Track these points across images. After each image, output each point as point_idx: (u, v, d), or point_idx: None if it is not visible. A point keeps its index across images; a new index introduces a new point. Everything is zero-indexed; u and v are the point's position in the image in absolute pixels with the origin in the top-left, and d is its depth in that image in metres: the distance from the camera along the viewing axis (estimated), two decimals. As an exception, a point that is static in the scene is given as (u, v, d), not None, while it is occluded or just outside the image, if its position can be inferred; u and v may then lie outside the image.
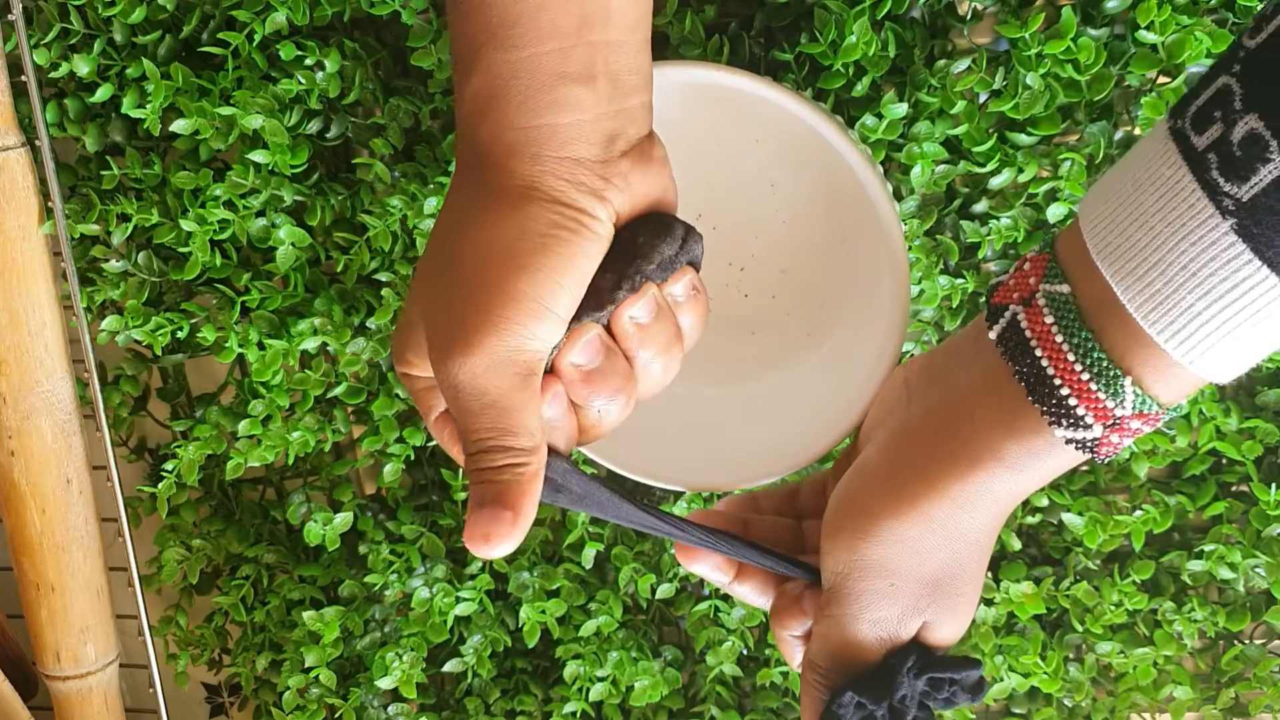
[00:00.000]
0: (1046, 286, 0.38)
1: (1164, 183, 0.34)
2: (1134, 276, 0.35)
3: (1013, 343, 0.39)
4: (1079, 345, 0.37)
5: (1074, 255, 0.37)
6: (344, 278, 0.64)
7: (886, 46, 0.56)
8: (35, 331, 0.64)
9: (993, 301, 0.40)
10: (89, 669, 0.70)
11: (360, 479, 0.72)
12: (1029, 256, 0.40)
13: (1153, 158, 0.35)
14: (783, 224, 0.61)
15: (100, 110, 0.63)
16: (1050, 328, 0.38)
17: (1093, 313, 0.37)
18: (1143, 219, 0.35)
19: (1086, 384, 0.37)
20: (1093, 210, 0.37)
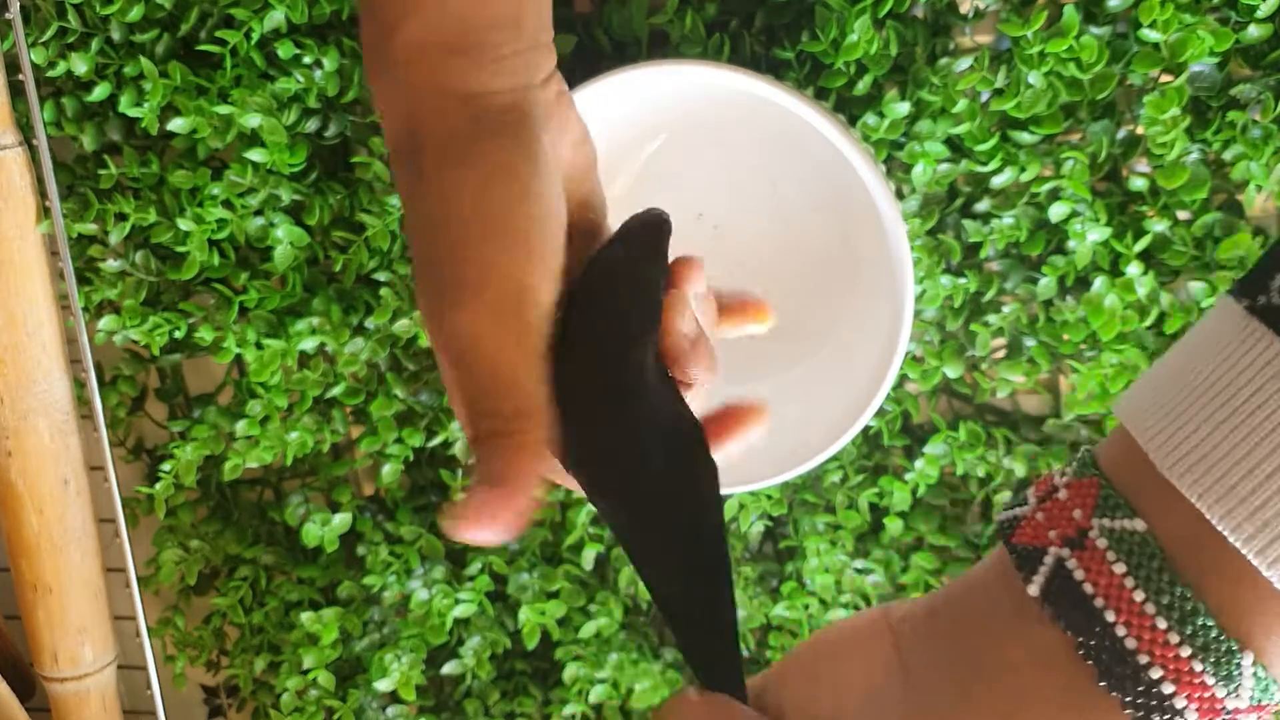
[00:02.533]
0: (1105, 522, 0.27)
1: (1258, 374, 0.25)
2: (1237, 498, 0.25)
3: (1067, 603, 0.27)
4: (1172, 605, 0.26)
5: (1136, 477, 0.27)
6: (342, 277, 0.63)
7: (888, 45, 0.55)
8: (32, 331, 0.64)
9: (1015, 542, 0.29)
10: (86, 670, 0.70)
11: (359, 480, 0.72)
12: (1061, 482, 0.29)
13: (1230, 346, 0.26)
14: (784, 223, 0.61)
15: (98, 109, 0.63)
16: (1122, 580, 0.26)
17: (1184, 556, 0.26)
18: (1234, 422, 0.25)
19: (1188, 662, 0.26)
20: (1149, 418, 0.27)
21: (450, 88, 0.35)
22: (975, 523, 0.66)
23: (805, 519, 0.65)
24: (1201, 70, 0.54)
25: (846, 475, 0.64)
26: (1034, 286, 0.59)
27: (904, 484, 0.63)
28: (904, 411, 0.64)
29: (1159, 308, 0.57)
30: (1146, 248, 0.57)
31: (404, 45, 0.35)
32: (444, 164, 0.34)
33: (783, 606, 0.66)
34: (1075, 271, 0.58)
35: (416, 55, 0.35)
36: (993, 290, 0.59)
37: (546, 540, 0.69)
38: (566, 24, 0.59)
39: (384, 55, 0.36)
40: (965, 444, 0.62)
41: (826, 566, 0.65)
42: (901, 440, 0.64)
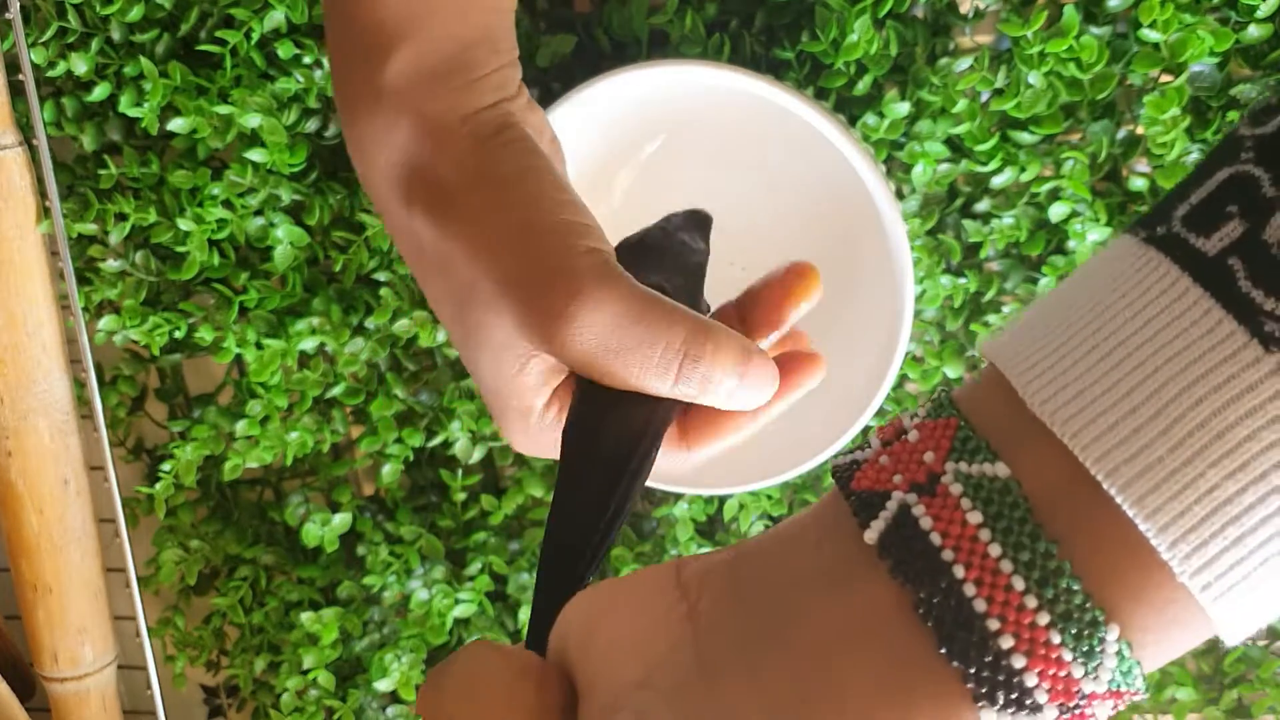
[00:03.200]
0: (961, 466, 0.23)
1: (1150, 304, 0.22)
2: (1116, 438, 0.22)
3: (909, 553, 0.23)
4: (1032, 563, 0.22)
5: (1000, 418, 0.24)
6: (342, 277, 0.63)
7: (888, 45, 0.55)
8: (32, 331, 0.64)
9: (855, 487, 0.25)
10: (86, 670, 0.70)
11: (359, 480, 0.72)
12: (910, 423, 0.25)
13: (1121, 276, 0.23)
14: (784, 224, 0.61)
15: (98, 109, 0.63)
16: (977, 531, 0.22)
17: (1050, 507, 0.22)
18: (1120, 356, 0.22)
19: (1045, 632, 0.22)
20: (1022, 351, 0.24)
21: (445, 112, 0.36)
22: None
23: (805, 519, 0.65)
24: (1202, 70, 0.54)
25: (846, 475, 0.64)
26: (1034, 287, 0.59)
27: (904, 484, 0.63)
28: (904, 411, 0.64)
29: (1159, 308, 0.57)
30: (1146, 248, 0.57)
31: (396, 76, 0.36)
32: (467, 187, 0.36)
33: (783, 606, 0.66)
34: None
35: (409, 85, 0.36)
36: (993, 290, 0.59)
37: (546, 540, 0.69)
38: (566, 24, 0.59)
39: (373, 90, 0.37)
40: (965, 444, 0.62)
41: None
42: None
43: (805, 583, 0.25)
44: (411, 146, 0.36)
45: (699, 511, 0.66)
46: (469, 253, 0.35)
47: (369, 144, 0.37)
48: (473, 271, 0.35)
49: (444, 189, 0.36)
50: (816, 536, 0.25)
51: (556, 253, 0.34)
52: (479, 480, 0.68)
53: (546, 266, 0.34)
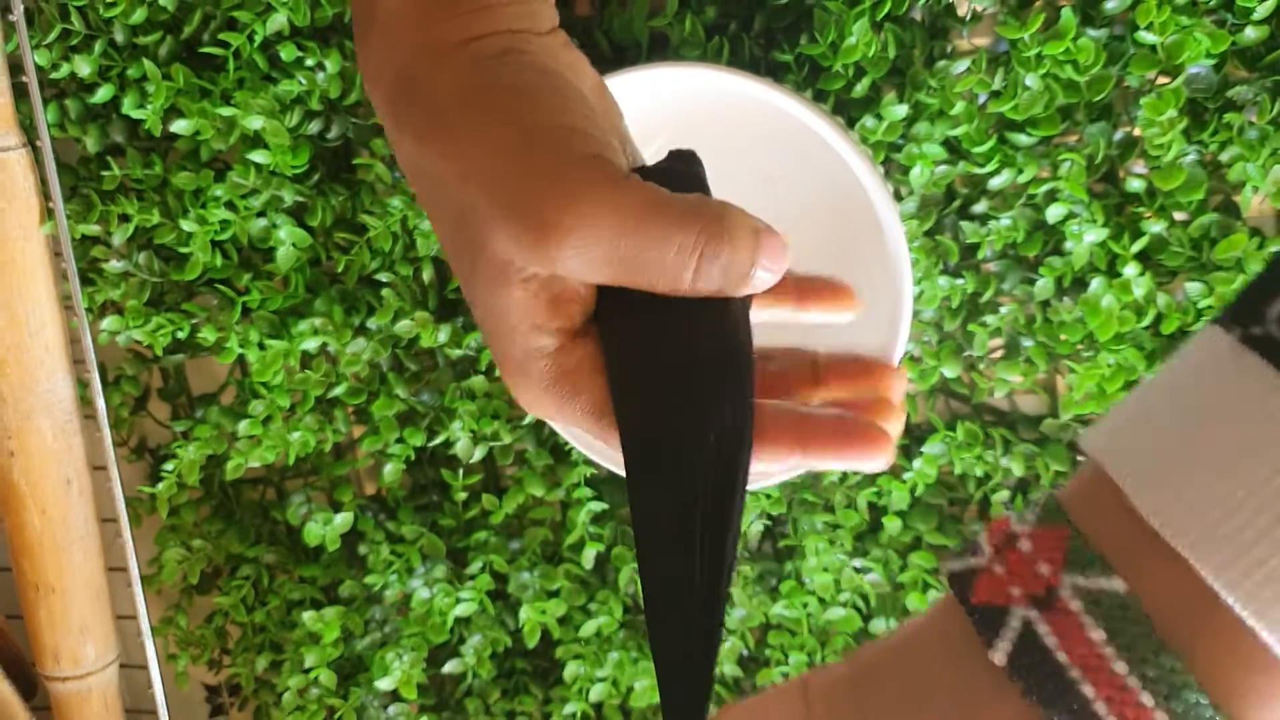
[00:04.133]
0: (1077, 579, 0.24)
1: (1256, 412, 0.22)
2: (1245, 559, 0.21)
3: (1039, 674, 0.23)
4: (1159, 679, 0.22)
5: (1112, 526, 0.24)
6: (344, 278, 0.64)
7: (886, 47, 0.56)
8: (35, 331, 0.64)
9: (975, 601, 0.25)
10: (88, 670, 0.70)
11: (360, 479, 0.72)
12: (1022, 531, 0.25)
13: (1223, 380, 0.23)
14: (783, 225, 0.61)
15: (101, 111, 0.63)
16: (1101, 649, 0.23)
17: (1171, 622, 0.23)
18: (1233, 471, 0.22)
19: None
20: (1131, 458, 0.24)
21: (446, 34, 0.33)
22: (973, 522, 0.66)
23: (804, 518, 0.66)
24: (1198, 72, 0.54)
25: (845, 474, 0.64)
26: (1031, 287, 0.59)
27: (902, 483, 0.63)
28: (902, 411, 0.64)
29: (1156, 308, 0.57)
30: (1143, 249, 0.57)
31: (389, 12, 0.34)
32: (460, 103, 0.32)
33: (782, 605, 0.67)
34: (1072, 272, 0.58)
35: (411, 6, 0.34)
36: (990, 291, 0.60)
37: (547, 539, 0.69)
38: (566, 27, 0.59)
39: (371, 9, 0.34)
40: (963, 444, 0.62)
41: (825, 565, 0.65)
42: (900, 440, 0.64)
43: (932, 704, 0.24)
44: (409, 67, 0.33)
45: (699, 511, 0.66)
46: (462, 170, 0.32)
47: (370, 66, 0.35)
48: (467, 190, 0.32)
49: (438, 107, 0.32)
50: (939, 653, 0.25)
51: (550, 160, 0.31)
52: (480, 480, 0.68)
53: (539, 175, 0.30)
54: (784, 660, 0.67)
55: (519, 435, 0.66)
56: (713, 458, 0.31)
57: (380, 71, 0.34)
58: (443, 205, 0.33)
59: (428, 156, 0.33)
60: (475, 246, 0.32)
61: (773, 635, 0.68)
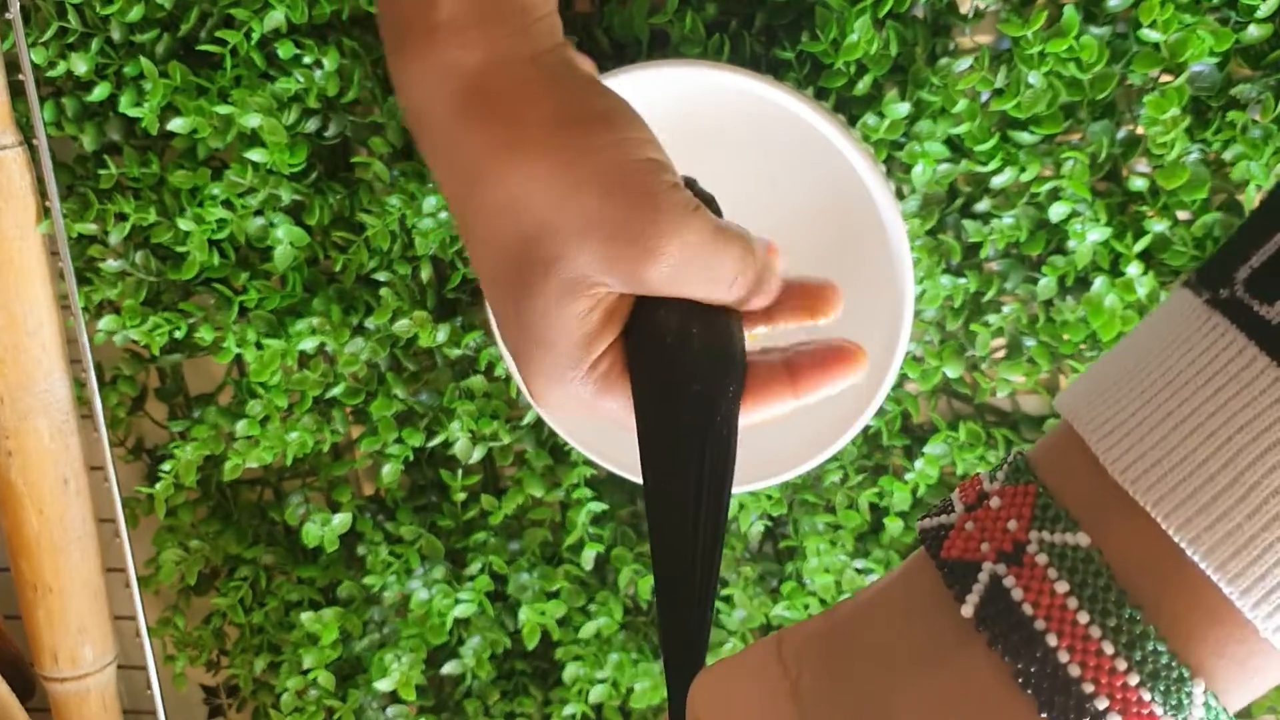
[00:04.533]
0: (1043, 535, 0.25)
1: (1220, 372, 0.23)
2: (1196, 506, 0.23)
3: (1005, 625, 0.24)
4: (1119, 628, 0.23)
5: (1078, 484, 0.25)
6: (342, 277, 0.63)
7: (888, 45, 0.55)
8: (32, 331, 0.64)
9: (945, 556, 0.26)
10: (87, 670, 0.70)
11: (359, 480, 0.72)
12: (992, 489, 0.26)
13: (1190, 340, 0.24)
14: (784, 224, 0.61)
15: (98, 109, 0.63)
16: (1065, 600, 0.24)
17: (1133, 574, 0.24)
18: (1195, 424, 0.23)
19: (1136, 691, 0.23)
20: (1098, 414, 0.25)
21: (512, 52, 0.36)
22: (975, 523, 0.66)
23: (805, 519, 0.65)
24: (1201, 70, 0.54)
25: (846, 475, 0.64)
26: (1034, 286, 0.59)
27: (904, 484, 0.63)
28: (904, 411, 0.64)
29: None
30: (1146, 248, 0.57)
31: (454, 13, 0.36)
32: (548, 127, 0.35)
33: (783, 606, 0.66)
34: (1075, 271, 0.58)
35: (469, 23, 0.36)
36: (993, 290, 0.59)
37: (546, 540, 0.69)
38: (567, 24, 0.59)
39: (428, 26, 0.36)
40: (965, 444, 0.62)
41: (826, 566, 0.65)
42: (901, 440, 0.64)
43: (903, 655, 0.26)
44: (482, 81, 0.36)
45: (699, 511, 0.65)
46: (551, 192, 0.35)
47: (418, 77, 0.36)
48: (550, 210, 0.35)
49: (526, 127, 0.35)
50: (909, 607, 0.26)
51: (646, 192, 0.35)
52: (479, 480, 0.68)
53: (640, 206, 0.35)
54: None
55: (518, 435, 0.66)
56: (719, 442, 0.37)
57: (438, 84, 0.36)
58: (500, 218, 0.36)
59: (508, 174, 0.35)
60: (541, 262, 0.36)
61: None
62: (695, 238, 0.36)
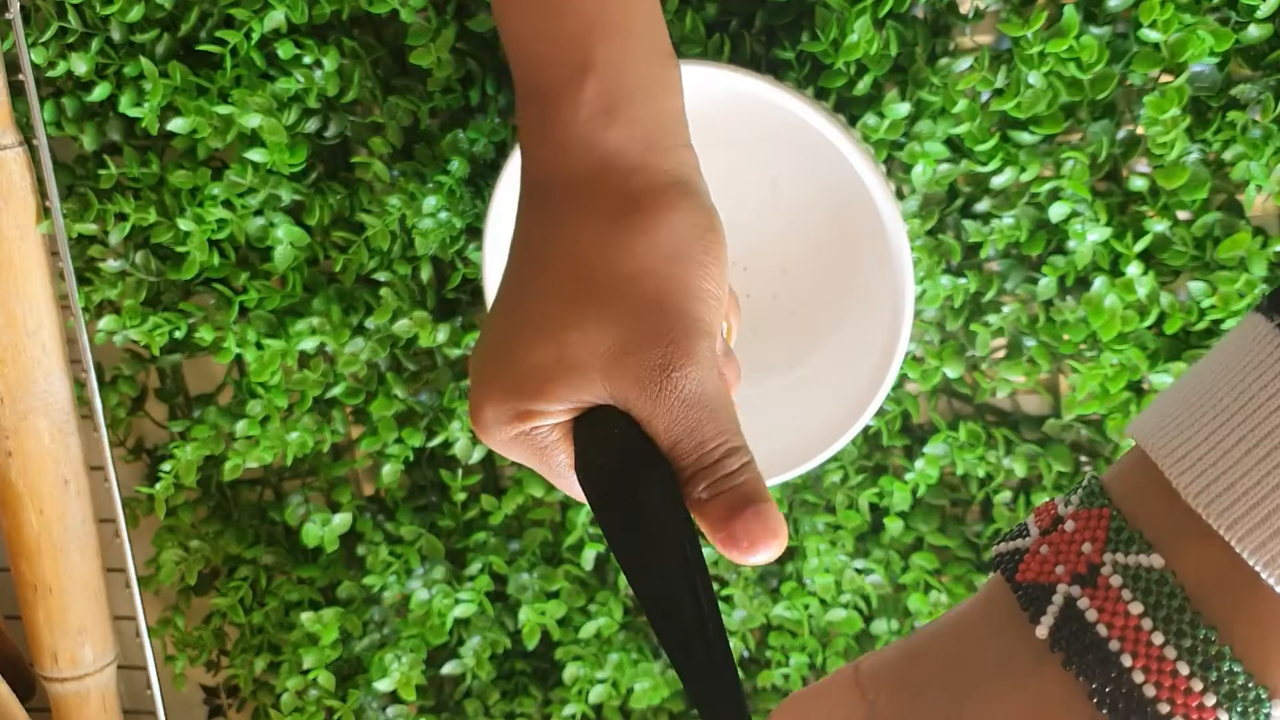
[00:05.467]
0: (1117, 557, 0.25)
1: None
2: (1272, 530, 0.23)
3: (1079, 646, 0.25)
4: (1195, 649, 0.24)
5: (1152, 506, 0.25)
6: (342, 277, 0.63)
7: (888, 45, 0.55)
8: (32, 331, 0.64)
9: (1020, 579, 0.26)
10: (86, 671, 0.70)
11: (359, 480, 0.72)
12: (1067, 513, 0.27)
13: (1263, 364, 0.24)
14: (784, 224, 0.61)
15: (98, 109, 0.63)
16: (1139, 621, 0.24)
17: (1207, 596, 0.24)
18: (1269, 447, 0.23)
19: (1213, 713, 0.24)
20: (1171, 439, 0.25)
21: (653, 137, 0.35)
22: (975, 523, 0.66)
23: (805, 519, 0.65)
24: (1201, 70, 0.54)
25: (847, 475, 0.64)
26: (1034, 286, 0.59)
27: (904, 484, 0.63)
28: (904, 411, 0.64)
29: (1159, 308, 0.57)
30: (1147, 248, 0.57)
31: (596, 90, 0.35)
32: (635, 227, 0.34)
33: (783, 606, 0.66)
34: (1075, 271, 0.58)
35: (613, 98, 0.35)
36: (993, 290, 0.59)
37: (546, 540, 0.69)
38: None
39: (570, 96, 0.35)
40: (965, 444, 0.62)
41: (827, 566, 0.65)
42: (901, 440, 0.64)
43: (978, 676, 0.26)
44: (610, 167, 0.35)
45: (699, 511, 0.65)
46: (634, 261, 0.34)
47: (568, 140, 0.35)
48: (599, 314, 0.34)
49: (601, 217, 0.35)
50: (985, 629, 0.26)
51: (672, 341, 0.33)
52: (479, 480, 0.68)
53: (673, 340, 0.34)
54: (785, 662, 0.67)
55: (518, 435, 0.66)
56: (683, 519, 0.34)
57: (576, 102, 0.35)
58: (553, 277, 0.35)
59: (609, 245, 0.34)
60: (563, 325, 0.34)
61: (773, 636, 0.67)
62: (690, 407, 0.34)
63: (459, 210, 0.61)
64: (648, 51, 0.35)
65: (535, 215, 0.36)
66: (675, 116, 0.36)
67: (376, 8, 0.57)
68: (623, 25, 0.34)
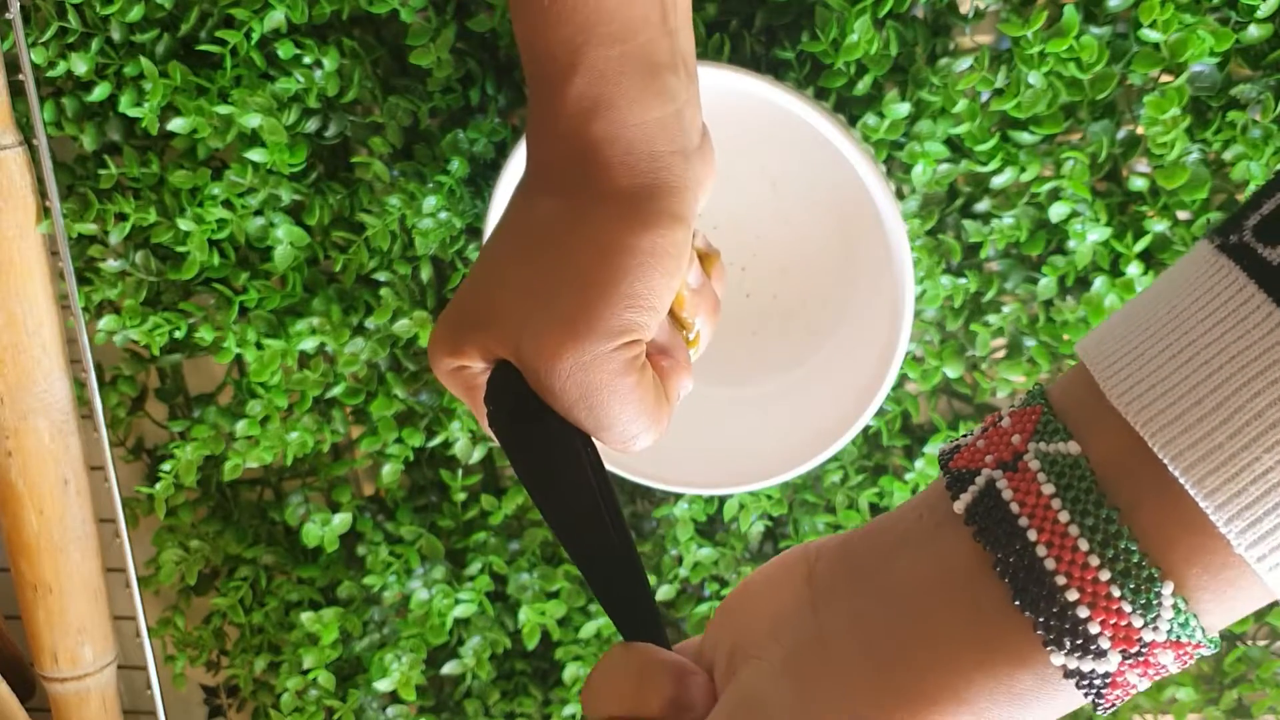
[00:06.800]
0: (1040, 445, 0.27)
1: (1219, 308, 0.25)
2: (1182, 425, 0.24)
3: (990, 520, 0.27)
4: (1096, 527, 0.25)
5: (1080, 405, 0.27)
6: (342, 277, 0.63)
7: (888, 45, 0.55)
8: (32, 331, 0.64)
9: (952, 466, 0.28)
10: (86, 670, 0.70)
11: (359, 480, 0.72)
12: (1006, 412, 0.29)
13: (1196, 281, 0.26)
14: (784, 223, 0.61)
15: (98, 109, 0.63)
16: (1049, 500, 0.26)
17: (1115, 481, 0.26)
18: (1190, 354, 0.25)
19: (1106, 586, 0.25)
20: (1105, 347, 0.27)
21: (638, 141, 0.37)
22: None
23: (805, 519, 0.65)
24: (1202, 70, 0.54)
25: (846, 475, 0.64)
26: (1034, 286, 0.59)
27: (904, 484, 0.63)
28: (904, 411, 0.64)
29: (1159, 308, 0.57)
30: (1147, 248, 0.57)
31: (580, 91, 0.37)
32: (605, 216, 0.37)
33: (783, 606, 0.66)
34: (1075, 271, 0.58)
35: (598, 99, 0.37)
36: (993, 290, 0.59)
37: (546, 540, 0.69)
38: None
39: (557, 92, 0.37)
40: (965, 444, 0.62)
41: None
42: (901, 440, 0.64)
43: (903, 547, 0.29)
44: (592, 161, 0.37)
45: (699, 511, 0.66)
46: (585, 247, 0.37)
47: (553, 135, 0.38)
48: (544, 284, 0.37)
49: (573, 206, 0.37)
50: (918, 512, 0.29)
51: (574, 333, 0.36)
52: (479, 480, 0.68)
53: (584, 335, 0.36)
54: None
55: (518, 435, 0.66)
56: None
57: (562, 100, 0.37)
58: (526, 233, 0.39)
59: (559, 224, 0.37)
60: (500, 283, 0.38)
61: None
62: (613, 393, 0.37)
63: (459, 210, 0.61)
64: (641, 62, 0.37)
65: (519, 189, 0.39)
66: (664, 124, 0.37)
67: (376, 7, 0.57)
68: (618, 35, 0.36)
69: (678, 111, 0.38)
